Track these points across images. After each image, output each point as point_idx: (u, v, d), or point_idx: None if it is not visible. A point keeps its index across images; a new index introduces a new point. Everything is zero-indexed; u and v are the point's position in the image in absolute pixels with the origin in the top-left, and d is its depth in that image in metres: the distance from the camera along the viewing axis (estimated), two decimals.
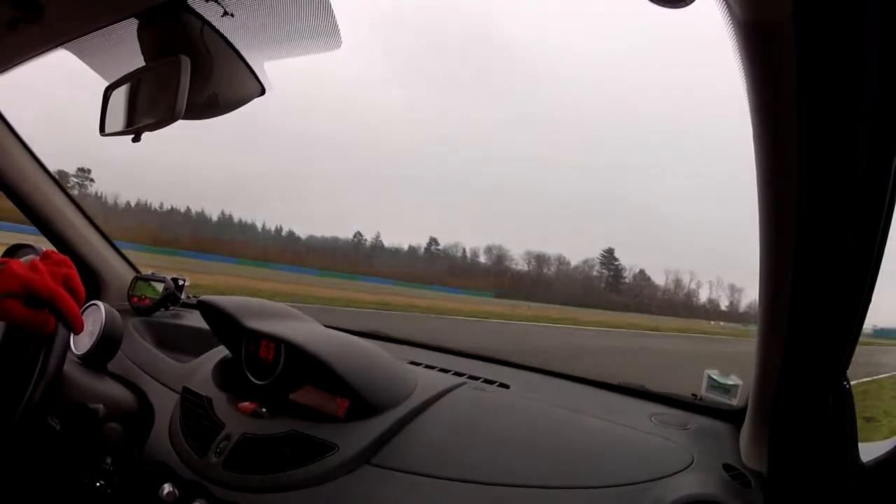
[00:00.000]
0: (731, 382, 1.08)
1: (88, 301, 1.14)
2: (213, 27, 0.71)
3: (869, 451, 0.70)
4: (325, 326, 1.20)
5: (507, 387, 1.12)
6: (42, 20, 0.75)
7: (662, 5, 0.42)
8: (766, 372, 0.71)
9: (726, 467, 0.82)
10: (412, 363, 1.20)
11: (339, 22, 0.68)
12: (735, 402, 1.06)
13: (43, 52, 0.88)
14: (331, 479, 0.81)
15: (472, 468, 0.80)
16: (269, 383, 1.03)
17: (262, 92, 0.77)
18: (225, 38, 0.72)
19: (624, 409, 1.04)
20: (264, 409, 0.94)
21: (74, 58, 0.88)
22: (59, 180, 1.44)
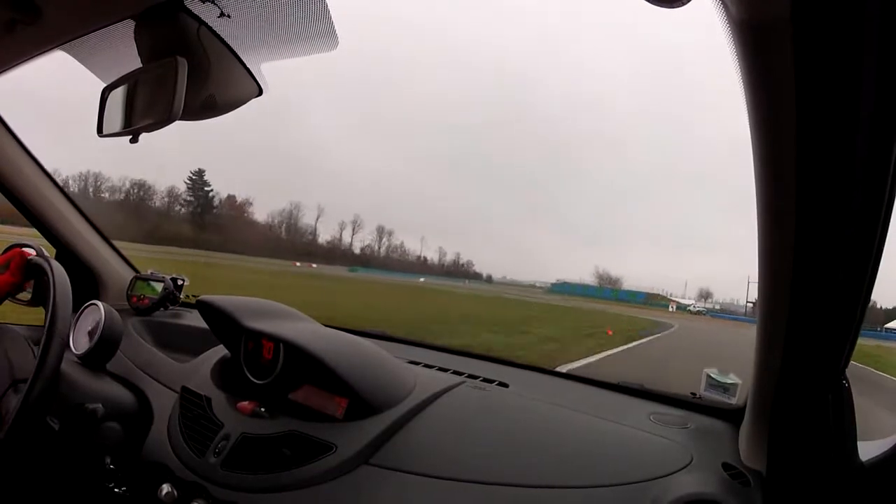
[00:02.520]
0: (730, 381, 1.09)
1: (88, 301, 1.15)
2: (209, 28, 0.71)
3: (868, 450, 0.70)
4: (325, 326, 1.20)
5: (505, 386, 1.13)
6: (40, 22, 0.75)
7: (658, 5, 0.42)
8: (766, 371, 0.71)
9: (725, 466, 0.82)
10: (411, 362, 1.21)
11: (335, 23, 0.68)
12: (734, 400, 1.07)
13: (41, 53, 0.88)
14: (329, 479, 0.81)
15: (470, 468, 0.80)
16: (268, 383, 1.03)
17: (260, 92, 0.77)
18: (222, 40, 0.72)
19: (623, 409, 1.04)
20: (263, 409, 0.94)
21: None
22: (57, 181, 1.44)
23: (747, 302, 56.87)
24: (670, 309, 53.93)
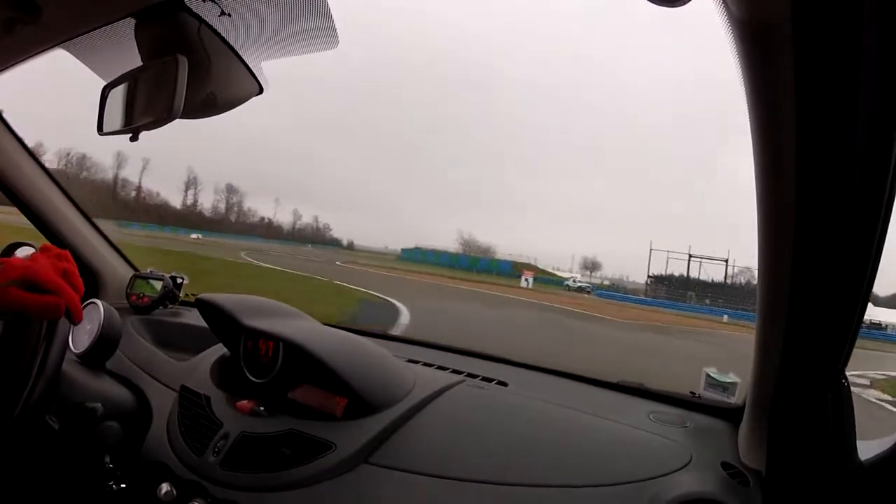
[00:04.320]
0: (729, 380, 1.09)
1: (87, 300, 1.14)
2: (210, 27, 0.71)
3: (867, 449, 0.70)
4: (324, 325, 1.21)
5: (505, 384, 1.13)
6: (39, 20, 0.75)
7: (660, 4, 0.42)
8: (765, 370, 0.71)
9: (725, 465, 0.82)
10: (410, 361, 1.21)
11: (336, 22, 0.68)
12: (733, 400, 1.07)
13: (40, 52, 0.88)
14: (328, 478, 0.81)
15: (469, 466, 0.81)
16: (268, 382, 1.03)
17: (260, 91, 0.77)
18: (222, 38, 0.72)
19: (622, 408, 1.04)
20: (262, 408, 0.94)
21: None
22: (56, 179, 1.44)
23: (648, 277, 47.74)
24: (522, 284, 35.87)
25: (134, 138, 0.74)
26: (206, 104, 0.73)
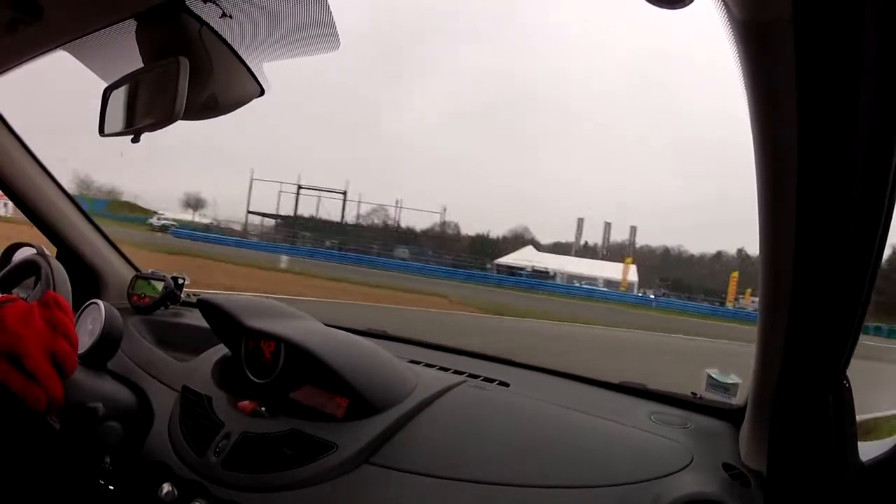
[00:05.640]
0: (730, 381, 1.09)
1: (88, 300, 1.15)
2: (211, 28, 0.71)
3: (868, 450, 0.70)
4: (326, 325, 1.21)
5: (506, 385, 1.13)
6: (41, 21, 0.75)
7: (660, 6, 0.42)
8: (766, 371, 0.71)
9: (726, 466, 0.82)
10: (412, 362, 1.21)
11: (337, 23, 0.68)
12: (735, 400, 1.07)
13: (42, 53, 0.88)
14: (330, 479, 0.81)
15: (471, 467, 0.81)
16: (269, 382, 1.03)
17: (261, 93, 0.77)
18: (223, 40, 0.72)
19: (623, 408, 1.04)
20: (264, 409, 0.94)
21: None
22: (57, 179, 1.44)
23: (249, 213, 40.76)
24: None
25: (135, 140, 0.75)
26: (208, 106, 0.73)
